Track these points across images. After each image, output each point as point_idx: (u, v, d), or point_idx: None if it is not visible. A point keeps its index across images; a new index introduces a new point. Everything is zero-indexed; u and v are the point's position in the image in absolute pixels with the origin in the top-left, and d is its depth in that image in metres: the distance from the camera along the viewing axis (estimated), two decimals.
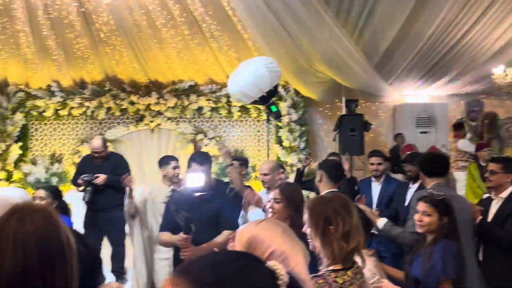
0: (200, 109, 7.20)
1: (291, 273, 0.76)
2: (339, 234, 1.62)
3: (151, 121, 7.15)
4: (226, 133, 7.38)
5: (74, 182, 4.67)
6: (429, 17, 5.37)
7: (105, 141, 4.88)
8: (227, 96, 7.14)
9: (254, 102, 4.58)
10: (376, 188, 4.09)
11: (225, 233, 2.66)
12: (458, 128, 6.52)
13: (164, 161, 3.80)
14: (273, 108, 4.53)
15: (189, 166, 2.81)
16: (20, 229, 0.95)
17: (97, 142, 4.59)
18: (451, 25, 5.63)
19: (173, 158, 3.84)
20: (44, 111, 6.92)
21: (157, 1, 5.47)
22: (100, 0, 4.50)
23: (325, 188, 2.85)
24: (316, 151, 7.25)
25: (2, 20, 5.61)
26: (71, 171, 6.87)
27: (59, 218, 1.04)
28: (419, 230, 2.45)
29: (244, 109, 7.22)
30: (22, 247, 0.93)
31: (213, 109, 7.22)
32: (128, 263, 4.55)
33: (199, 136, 7.13)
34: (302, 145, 6.99)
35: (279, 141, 7.01)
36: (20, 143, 6.84)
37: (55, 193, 3.11)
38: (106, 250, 4.52)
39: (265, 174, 3.42)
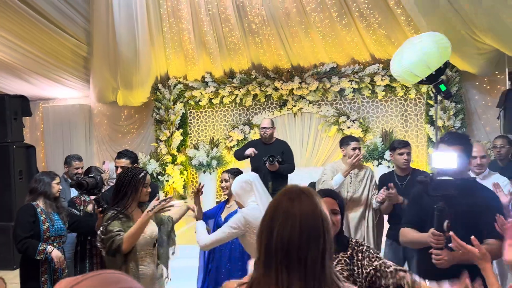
0: (341, 91, 7.16)
1: None
2: None
3: (294, 106, 7.35)
4: (369, 114, 7.22)
5: (238, 155, 4.90)
6: None
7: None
8: (370, 76, 6.97)
9: (421, 82, 4.34)
10: None
11: (491, 243, 2.02)
12: None
13: (344, 141, 3.80)
14: (442, 87, 4.24)
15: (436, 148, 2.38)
16: (290, 207, 1.12)
17: (267, 121, 4.85)
18: None
19: (354, 138, 3.81)
20: (199, 101, 7.60)
21: None
22: None
23: None
24: (473, 130, 6.66)
25: (170, 20, 6.25)
26: (226, 154, 7.48)
27: (320, 201, 1.16)
28: None
29: (389, 88, 6.97)
30: (290, 224, 1.09)
31: (355, 90, 7.11)
32: None
33: (342, 118, 7.11)
34: (458, 124, 6.48)
35: (430, 121, 6.61)
36: (181, 130, 7.65)
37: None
38: None
39: None
